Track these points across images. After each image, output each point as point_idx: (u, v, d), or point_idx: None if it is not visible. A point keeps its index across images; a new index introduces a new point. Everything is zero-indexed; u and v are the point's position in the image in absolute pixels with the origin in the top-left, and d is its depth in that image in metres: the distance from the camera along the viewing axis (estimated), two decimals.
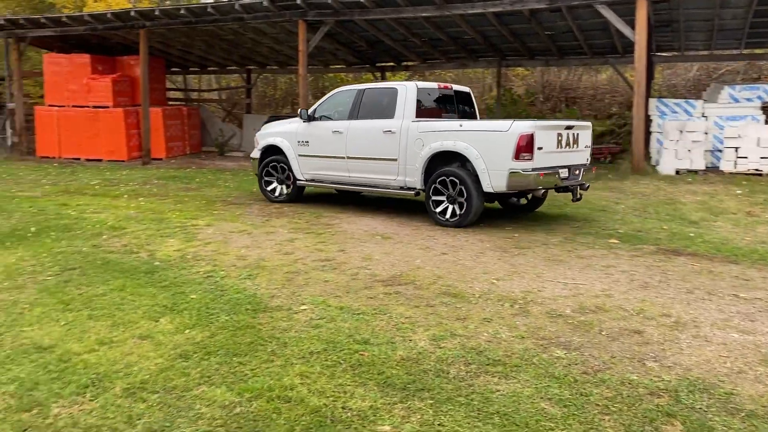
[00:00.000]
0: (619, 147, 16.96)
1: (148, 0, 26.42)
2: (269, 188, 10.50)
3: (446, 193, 8.31)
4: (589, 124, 9.15)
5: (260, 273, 5.75)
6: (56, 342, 4.17)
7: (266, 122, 18.24)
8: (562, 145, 8.22)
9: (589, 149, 8.96)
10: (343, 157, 9.44)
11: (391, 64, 21.48)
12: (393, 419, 3.16)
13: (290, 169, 10.17)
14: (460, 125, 8.48)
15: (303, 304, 4.88)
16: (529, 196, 9.12)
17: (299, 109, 10.61)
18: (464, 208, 8.11)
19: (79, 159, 18.09)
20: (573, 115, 18.87)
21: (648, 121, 14.26)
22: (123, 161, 17.73)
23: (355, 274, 5.76)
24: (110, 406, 3.28)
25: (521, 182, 7.86)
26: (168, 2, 27.43)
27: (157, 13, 16.53)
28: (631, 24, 12.02)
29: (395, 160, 8.85)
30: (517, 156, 7.70)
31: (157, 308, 4.81)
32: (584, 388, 3.47)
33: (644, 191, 10.79)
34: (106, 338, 4.23)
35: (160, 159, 18.14)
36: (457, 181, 8.15)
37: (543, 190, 8.60)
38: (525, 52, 18.18)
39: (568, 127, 8.41)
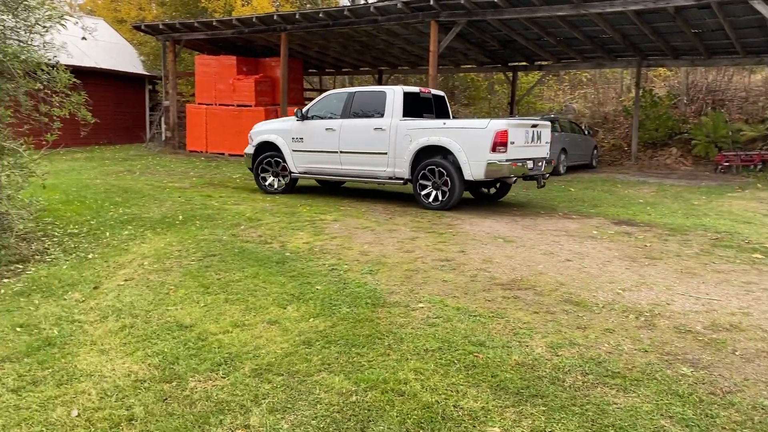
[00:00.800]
0: None
1: (290, 4, 27.77)
2: (263, 178, 11.46)
3: (432, 181, 9.59)
4: (548, 123, 10.45)
5: (381, 269, 5.93)
6: (196, 322, 4.56)
7: None
8: (529, 140, 9.61)
9: (548, 145, 10.26)
10: (336, 152, 10.52)
11: (524, 63, 21.12)
12: (504, 422, 3.17)
13: (285, 163, 11.12)
14: (444, 123, 9.80)
15: (420, 302, 4.99)
16: (498, 185, 10.51)
17: (295, 109, 11.30)
18: (448, 193, 9.42)
19: (223, 154, 19.43)
20: (720, 119, 17.54)
21: None
22: None
23: (474, 275, 5.78)
24: (239, 384, 3.56)
25: (497, 171, 9.19)
26: (309, 6, 28.67)
27: (297, 16, 17.36)
28: None
29: (385, 153, 10.03)
30: (494, 149, 9.02)
31: (286, 296, 5.11)
32: (710, 410, 3.28)
33: None
34: (239, 321, 4.56)
35: None
36: (443, 170, 9.42)
37: (514, 179, 9.83)
38: (668, 51, 17.17)
39: (534, 126, 9.81)
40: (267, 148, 11.38)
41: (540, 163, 9.82)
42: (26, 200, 7.49)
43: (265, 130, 11.54)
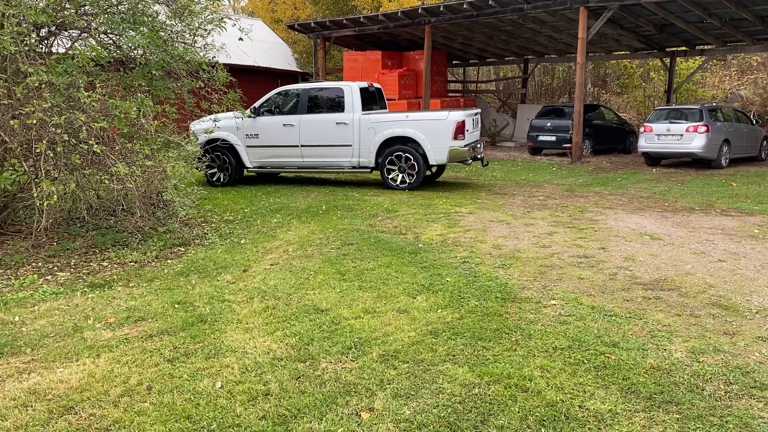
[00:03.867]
0: None
1: None
2: (211, 174, 11.57)
3: (398, 167, 10.77)
4: (479, 110, 12.44)
5: (514, 263, 5.85)
6: (331, 306, 4.80)
7: (540, 112, 18.12)
8: (474, 126, 11.27)
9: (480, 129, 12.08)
10: (297, 146, 11.14)
11: (683, 48, 19.67)
12: (632, 427, 3.03)
13: (236, 159, 11.44)
14: (407, 116, 11.11)
15: (553, 298, 4.87)
16: (435, 168, 11.71)
17: (251, 107, 11.31)
18: (414, 176, 10.69)
19: None
20: None
21: None
22: None
23: (613, 274, 5.53)
24: (367, 368, 3.70)
25: (458, 155, 10.62)
26: None
27: (441, 8, 17.42)
28: None
29: (350, 145, 10.92)
30: (455, 137, 10.39)
31: (416, 286, 5.21)
32: None
33: None
34: (371, 308, 4.73)
35: None
36: (410, 157, 10.62)
37: (470, 160, 11.00)
38: None
39: (476, 114, 11.54)
40: (212, 144, 11.20)
41: (479, 145, 11.37)
42: (189, 189, 8.25)
43: (211, 128, 11.31)
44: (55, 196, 5.64)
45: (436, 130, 10.51)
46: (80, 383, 3.56)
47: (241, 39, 9.53)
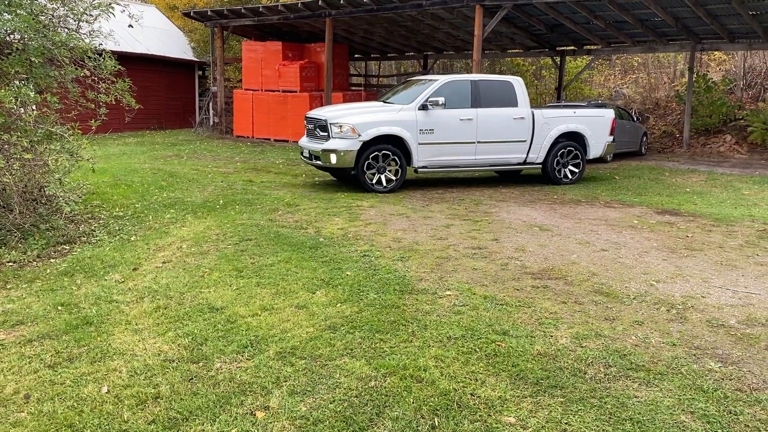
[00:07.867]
0: None
1: None
2: (374, 180, 9.97)
3: (563, 161, 11.31)
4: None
5: (412, 256, 5.95)
6: (227, 304, 4.68)
7: None
8: None
9: None
10: (474, 142, 10.61)
11: (572, 47, 20.63)
12: (519, 412, 3.17)
13: (405, 158, 10.07)
14: (574, 112, 11.62)
15: (448, 289, 4.99)
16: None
17: (420, 99, 10.20)
18: (579, 170, 11.46)
19: (269, 139, 19.67)
20: None
21: None
22: None
23: (505, 264, 5.74)
24: (263, 367, 3.65)
25: (610, 150, 11.84)
26: None
27: (342, 1, 17.35)
28: None
29: (524, 141, 10.93)
30: (611, 132, 11.60)
31: (316, 281, 5.18)
32: (734, 406, 3.20)
33: None
34: (269, 305, 4.66)
35: None
36: (577, 152, 11.32)
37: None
38: (724, 34, 16.51)
39: None
40: (378, 141, 9.91)
41: None
42: (75, 183, 7.79)
43: (381, 121, 9.98)
44: None
45: (598, 125, 11.38)
46: None
47: (131, 26, 9.08)
